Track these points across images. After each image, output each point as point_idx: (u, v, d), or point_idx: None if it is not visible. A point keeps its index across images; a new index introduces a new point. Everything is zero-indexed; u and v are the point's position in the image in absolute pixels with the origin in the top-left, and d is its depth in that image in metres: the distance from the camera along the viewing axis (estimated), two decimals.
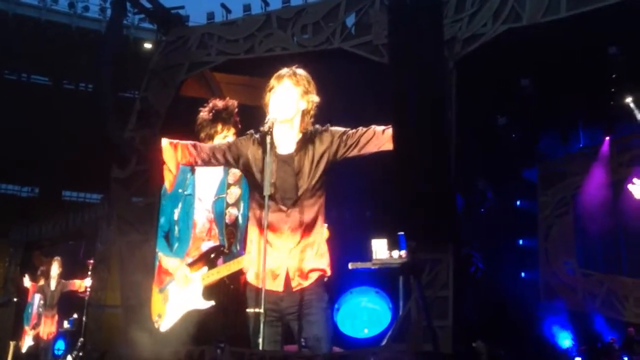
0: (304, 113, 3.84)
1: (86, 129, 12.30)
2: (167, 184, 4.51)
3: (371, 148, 3.88)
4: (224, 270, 4.88)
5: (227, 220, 5.16)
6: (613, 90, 9.14)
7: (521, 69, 8.56)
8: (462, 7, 7.66)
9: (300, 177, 3.76)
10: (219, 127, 5.14)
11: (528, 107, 9.34)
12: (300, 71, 3.90)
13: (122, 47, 9.95)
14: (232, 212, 5.19)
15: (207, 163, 4.08)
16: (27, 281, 11.24)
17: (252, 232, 3.88)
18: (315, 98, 3.86)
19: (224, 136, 5.13)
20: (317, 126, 3.90)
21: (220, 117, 5.15)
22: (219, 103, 5.24)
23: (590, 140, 10.43)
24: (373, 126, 3.91)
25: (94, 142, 10.76)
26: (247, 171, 3.89)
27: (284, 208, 3.74)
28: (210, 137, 5.15)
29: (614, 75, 8.82)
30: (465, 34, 7.58)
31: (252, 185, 3.88)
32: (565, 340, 9.23)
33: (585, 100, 9.20)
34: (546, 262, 10.31)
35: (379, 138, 3.87)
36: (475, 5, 7.59)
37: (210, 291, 4.95)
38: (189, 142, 4.14)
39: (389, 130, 3.89)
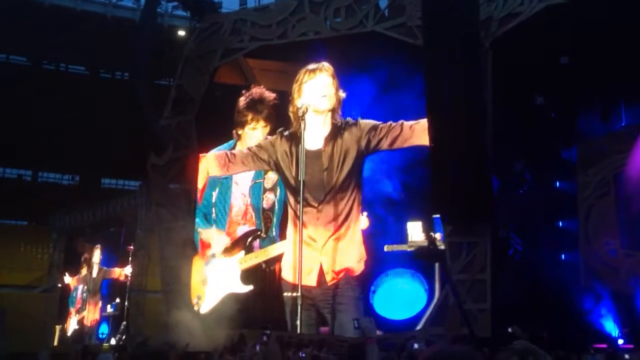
0: (334, 108, 3.85)
1: (123, 117, 12.50)
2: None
3: (399, 143, 3.89)
4: (262, 255, 4.94)
5: (264, 205, 5.20)
6: None
7: (560, 46, 8.36)
8: None
9: (328, 172, 3.78)
10: (249, 117, 5.17)
11: (567, 86, 9.14)
12: (329, 65, 3.91)
13: (156, 35, 10.03)
14: (270, 197, 5.23)
15: (236, 172, 4.11)
16: (67, 278, 11.44)
17: (289, 229, 3.93)
18: (342, 94, 3.88)
19: (253, 127, 5.16)
20: (348, 119, 3.90)
21: (252, 107, 5.18)
22: (257, 92, 5.25)
23: (633, 118, 10.14)
24: (401, 121, 3.89)
25: (131, 130, 10.92)
26: (278, 169, 3.92)
27: (314, 204, 3.77)
28: (242, 125, 5.18)
29: None
30: (502, 14, 7.46)
31: (284, 183, 3.92)
32: (608, 322, 9.07)
33: (626, 78, 8.94)
34: (587, 243, 10.09)
35: (406, 134, 3.87)
36: None
37: (249, 275, 5.01)
38: (219, 153, 4.15)
39: (417, 125, 3.88)
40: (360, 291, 4.03)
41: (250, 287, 5.01)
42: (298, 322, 3.55)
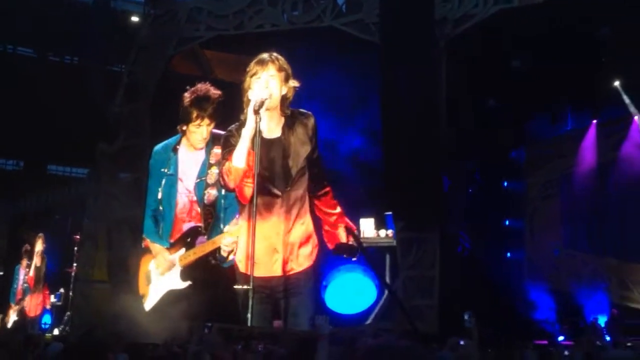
0: (285, 98, 3.85)
1: (73, 102, 12.17)
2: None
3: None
4: (199, 250, 4.88)
5: (205, 201, 5.12)
6: (602, 73, 9.18)
7: (512, 50, 8.56)
8: None
9: (290, 158, 3.78)
10: (194, 114, 5.06)
11: (518, 88, 9.36)
12: (280, 56, 3.90)
13: (109, 20, 9.81)
14: (212, 192, 5.16)
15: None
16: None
17: (242, 219, 3.90)
18: (295, 83, 3.87)
19: (197, 125, 5.05)
20: (302, 110, 3.92)
21: (197, 104, 5.07)
22: (202, 89, 5.13)
23: (578, 122, 10.48)
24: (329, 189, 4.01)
25: (80, 116, 10.64)
26: None
27: (277, 192, 3.75)
28: (186, 122, 5.08)
29: (603, 59, 8.85)
30: (457, 14, 7.55)
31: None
32: (549, 319, 9.37)
33: (574, 83, 9.22)
34: (532, 242, 10.41)
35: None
36: None
37: (190, 271, 4.96)
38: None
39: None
40: (315, 280, 4.07)
41: (189, 283, 4.95)
42: (249, 315, 3.52)
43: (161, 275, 5.21)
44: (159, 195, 5.35)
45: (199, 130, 5.05)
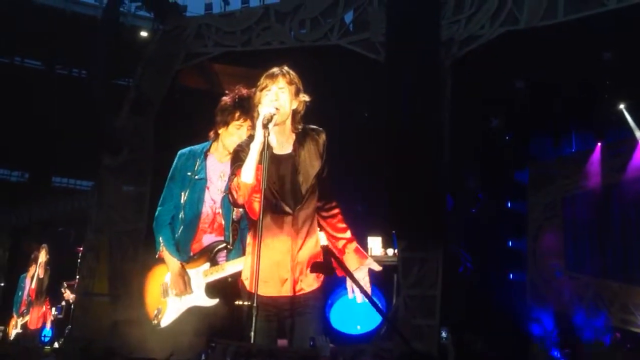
0: (296, 112, 3.81)
1: (78, 115, 12.23)
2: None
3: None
4: (229, 268, 4.73)
5: (233, 216, 5.01)
6: (606, 96, 9.20)
7: (517, 71, 8.59)
8: (460, 9, 7.70)
9: (301, 175, 3.73)
10: (237, 114, 4.93)
11: (522, 109, 9.39)
12: (290, 70, 3.86)
13: (118, 34, 9.88)
14: (239, 209, 5.04)
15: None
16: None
17: (250, 236, 3.86)
18: (306, 97, 3.83)
19: (239, 125, 4.90)
20: (313, 126, 3.88)
21: (241, 105, 4.93)
22: (244, 91, 5.03)
23: (582, 144, 10.48)
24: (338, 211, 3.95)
25: (85, 129, 10.69)
26: None
27: (288, 210, 3.69)
28: (226, 123, 4.93)
29: (607, 82, 8.87)
30: (463, 35, 7.61)
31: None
32: (550, 341, 9.31)
33: (578, 105, 9.24)
34: (534, 263, 10.36)
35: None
36: (473, 7, 7.62)
37: (214, 288, 4.81)
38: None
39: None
40: (323, 300, 3.99)
41: (216, 301, 4.80)
42: (252, 333, 3.47)
43: (178, 296, 5.05)
44: (182, 200, 5.16)
45: (239, 132, 4.89)
